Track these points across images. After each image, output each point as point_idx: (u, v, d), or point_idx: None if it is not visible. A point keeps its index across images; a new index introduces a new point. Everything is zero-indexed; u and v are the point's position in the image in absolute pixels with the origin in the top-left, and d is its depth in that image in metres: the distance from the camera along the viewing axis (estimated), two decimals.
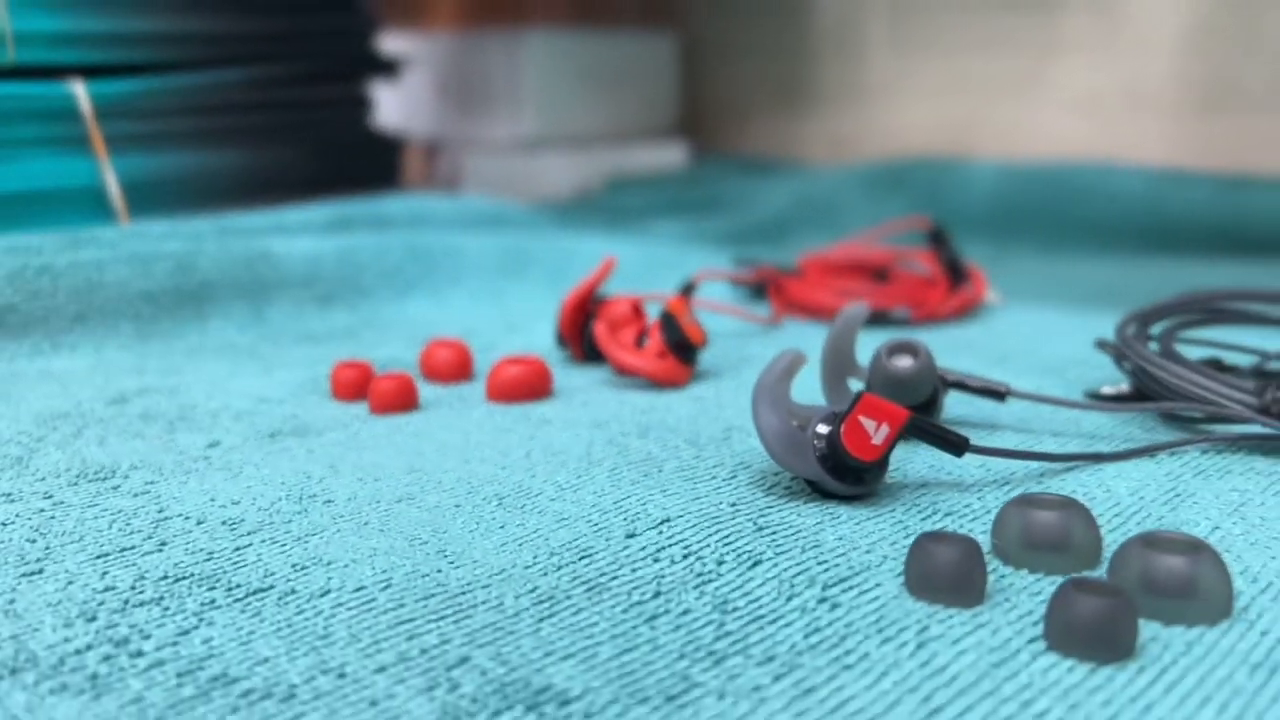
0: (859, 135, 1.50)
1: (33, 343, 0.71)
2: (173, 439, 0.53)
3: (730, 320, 0.78)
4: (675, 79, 1.59)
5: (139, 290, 0.76)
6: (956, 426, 0.52)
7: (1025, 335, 0.73)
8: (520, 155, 1.41)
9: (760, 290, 0.84)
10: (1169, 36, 1.27)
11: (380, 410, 0.57)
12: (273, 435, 0.54)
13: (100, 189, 0.90)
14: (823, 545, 0.39)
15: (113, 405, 0.59)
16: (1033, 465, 0.48)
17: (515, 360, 0.60)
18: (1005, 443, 0.51)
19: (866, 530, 0.41)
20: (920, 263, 0.85)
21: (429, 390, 0.62)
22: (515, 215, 1.06)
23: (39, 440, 0.54)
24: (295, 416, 0.57)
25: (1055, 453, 0.47)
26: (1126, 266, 1.07)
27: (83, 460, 0.50)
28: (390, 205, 0.99)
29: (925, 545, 0.35)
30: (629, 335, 0.64)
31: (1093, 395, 0.57)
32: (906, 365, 0.49)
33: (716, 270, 0.86)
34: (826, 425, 0.43)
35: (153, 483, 0.47)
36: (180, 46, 0.97)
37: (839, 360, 0.51)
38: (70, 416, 0.57)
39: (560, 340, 0.67)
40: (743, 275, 0.84)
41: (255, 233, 0.88)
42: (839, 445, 0.42)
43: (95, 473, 0.49)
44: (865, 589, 0.36)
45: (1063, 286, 0.96)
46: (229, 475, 0.48)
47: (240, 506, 0.44)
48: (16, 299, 0.72)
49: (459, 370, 0.64)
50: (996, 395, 0.52)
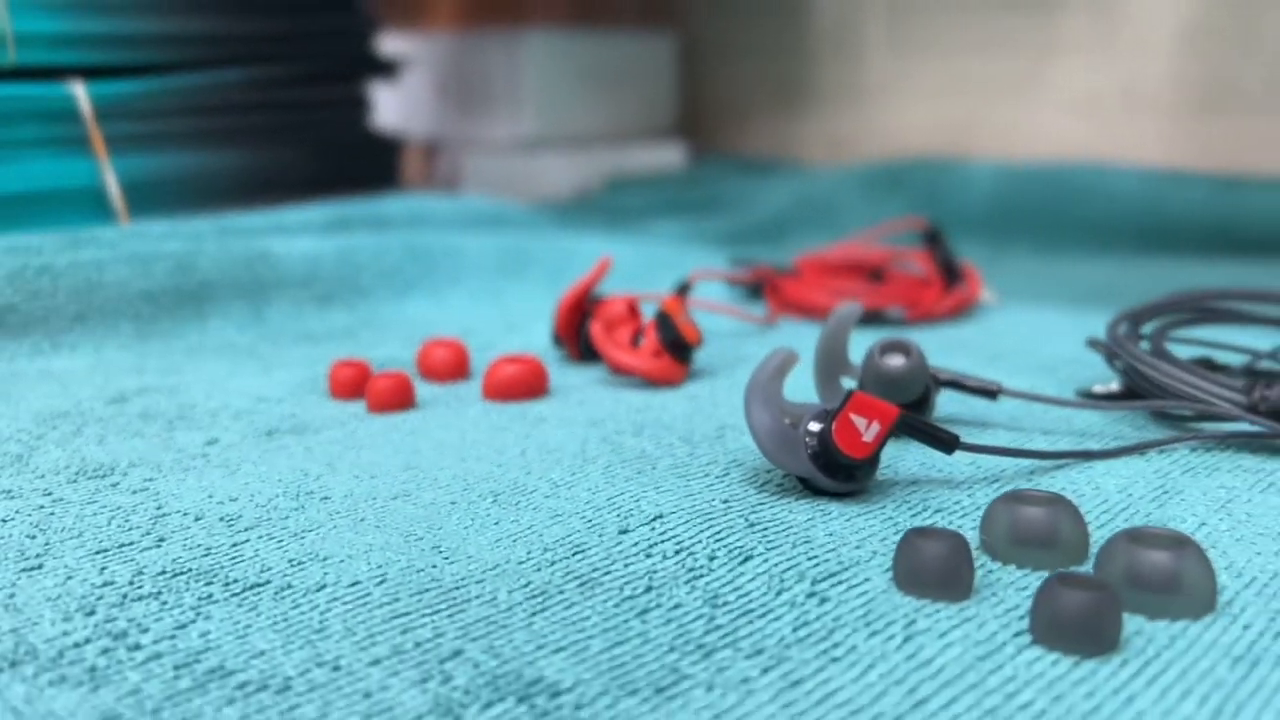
0: (857, 136, 1.51)
1: (33, 342, 0.72)
2: (172, 437, 0.54)
3: (726, 320, 0.78)
4: (674, 79, 1.60)
5: (139, 290, 0.77)
6: (948, 425, 0.52)
7: (1019, 335, 0.74)
8: (519, 155, 1.41)
9: (756, 290, 0.85)
10: (1167, 37, 1.27)
11: (377, 409, 0.58)
12: (271, 433, 0.54)
13: (100, 189, 0.91)
14: (813, 541, 0.40)
15: (112, 404, 0.60)
16: (1023, 463, 0.48)
17: (511, 359, 0.60)
18: (997, 441, 0.52)
19: (857, 526, 0.41)
20: (916, 263, 0.85)
21: (426, 389, 0.62)
22: (514, 215, 1.07)
23: (39, 438, 0.54)
24: (293, 415, 0.57)
25: (1045, 450, 0.48)
26: (1124, 266, 1.08)
27: (82, 458, 0.51)
28: (389, 205, 0.99)
29: (913, 541, 0.36)
30: (625, 334, 0.64)
31: (1084, 394, 0.58)
32: (898, 364, 0.49)
33: (712, 270, 0.87)
34: (818, 423, 0.43)
35: (151, 480, 0.48)
36: (180, 47, 0.98)
37: (832, 359, 0.52)
38: (70, 415, 0.58)
39: (556, 339, 0.68)
40: (738, 275, 0.84)
41: (255, 233, 0.89)
42: (830, 442, 0.42)
43: (95, 470, 0.49)
44: (854, 584, 0.37)
45: (1060, 286, 0.96)
46: (227, 472, 0.49)
47: (238, 503, 0.45)
48: (17, 299, 0.73)
49: (456, 369, 0.64)
50: (988, 394, 0.53)
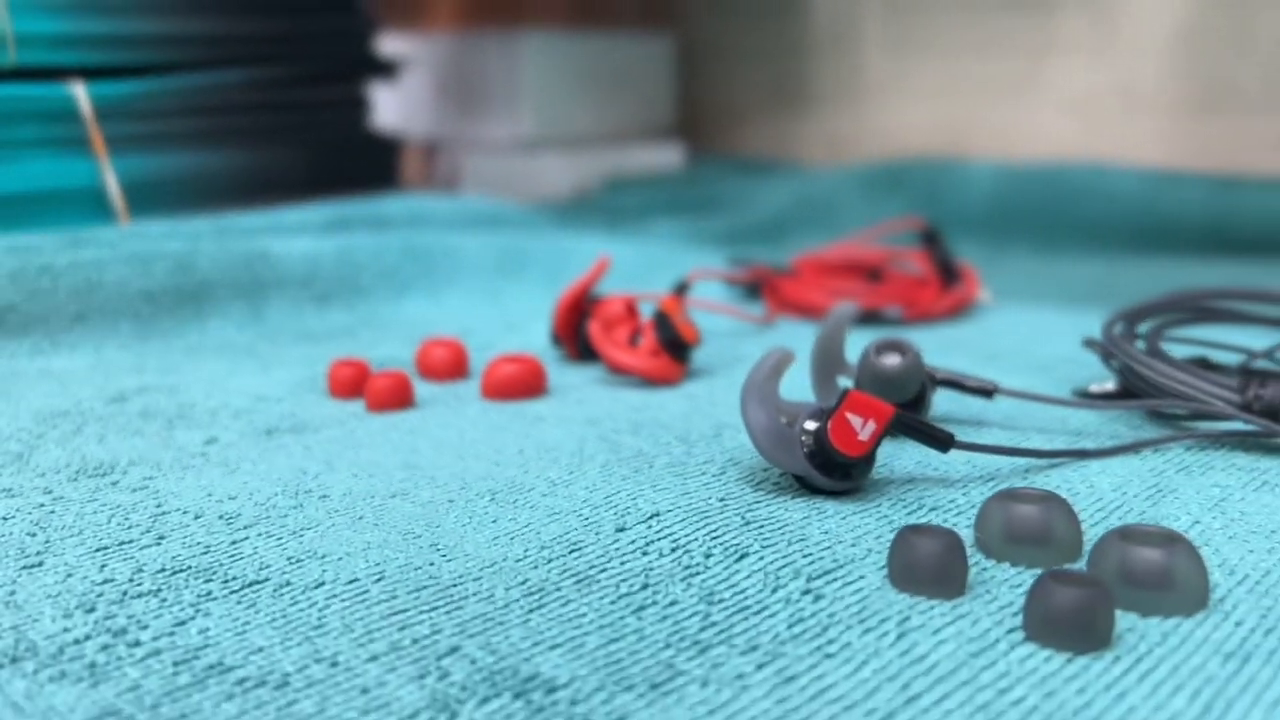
0: (856, 136, 1.51)
1: (33, 342, 0.72)
2: (171, 436, 0.54)
3: (724, 319, 0.79)
4: (673, 80, 1.60)
5: (138, 290, 0.77)
6: (945, 424, 0.52)
7: (1016, 334, 0.74)
8: (519, 155, 1.41)
9: (754, 290, 0.85)
10: (1163, 38, 1.27)
11: (376, 408, 0.58)
12: (270, 432, 0.54)
13: (100, 189, 0.91)
14: (809, 539, 0.40)
15: (112, 403, 0.60)
16: (1018, 461, 0.48)
17: (510, 359, 0.61)
18: (993, 440, 0.52)
19: (852, 524, 0.42)
20: (913, 263, 0.85)
21: (425, 388, 0.63)
22: (513, 215, 1.07)
23: (39, 437, 0.54)
24: (292, 414, 0.58)
25: (1041, 449, 0.48)
26: (1121, 266, 1.08)
27: (82, 456, 0.51)
28: (388, 205, 0.99)
29: (907, 538, 0.36)
30: (623, 334, 0.64)
31: (1080, 393, 0.58)
32: (894, 363, 0.50)
33: (710, 270, 0.87)
34: (814, 421, 0.43)
35: (151, 478, 0.48)
36: (180, 48, 0.98)
37: (828, 358, 0.52)
38: (70, 414, 0.58)
39: (555, 339, 0.68)
40: (736, 275, 0.84)
41: (254, 233, 0.89)
42: (826, 441, 0.43)
43: (95, 468, 0.49)
44: (849, 581, 0.37)
45: (1057, 286, 0.96)
46: (226, 471, 0.49)
47: (237, 501, 0.45)
48: (17, 298, 0.73)
49: (454, 368, 0.64)
50: (984, 393, 0.53)
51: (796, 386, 0.56)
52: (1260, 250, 1.10)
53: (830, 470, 0.43)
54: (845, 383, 0.53)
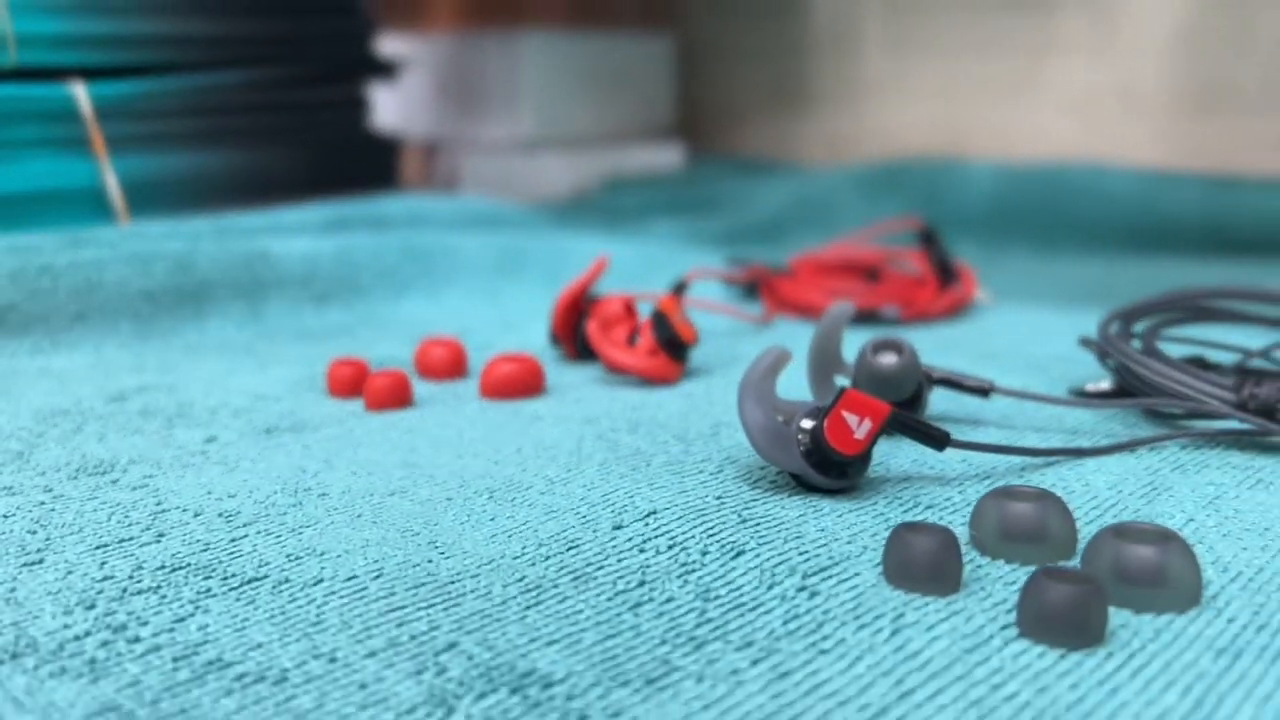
0: (855, 136, 1.51)
1: (33, 341, 0.72)
2: (171, 434, 0.54)
3: (723, 319, 0.79)
4: (672, 80, 1.60)
5: (138, 289, 0.77)
6: (941, 422, 0.53)
7: (1013, 334, 0.74)
8: (518, 156, 1.42)
9: (753, 289, 0.85)
10: (1162, 38, 1.27)
11: (375, 407, 0.58)
12: (269, 431, 0.55)
13: (100, 189, 0.91)
14: (805, 536, 0.40)
15: (112, 402, 0.60)
16: (1014, 460, 0.48)
17: (508, 358, 0.61)
18: (988, 438, 0.52)
19: (848, 522, 0.42)
20: (911, 262, 0.86)
21: (424, 387, 0.63)
22: (512, 215, 1.07)
23: (39, 436, 0.54)
24: (291, 413, 0.58)
25: (1036, 447, 0.48)
26: (1119, 266, 1.08)
27: (82, 455, 0.51)
28: (388, 205, 1.00)
29: (903, 535, 0.36)
30: (621, 333, 0.64)
31: (1076, 392, 0.58)
32: (890, 362, 0.50)
33: (708, 269, 0.87)
34: (810, 420, 0.44)
35: (151, 476, 0.48)
36: (180, 49, 0.98)
37: (825, 357, 0.52)
38: (70, 413, 0.58)
39: (553, 338, 0.68)
40: (735, 274, 0.85)
41: (253, 233, 0.89)
42: (822, 439, 0.43)
43: (95, 467, 0.50)
44: (844, 578, 0.37)
45: (1055, 286, 0.97)
46: (226, 469, 0.49)
47: (236, 499, 0.45)
48: (17, 298, 0.73)
49: (453, 368, 0.65)
50: (981, 392, 0.53)
51: (794, 385, 0.56)
52: (1258, 250, 1.10)
53: (826, 468, 0.44)
54: (842, 382, 0.53)
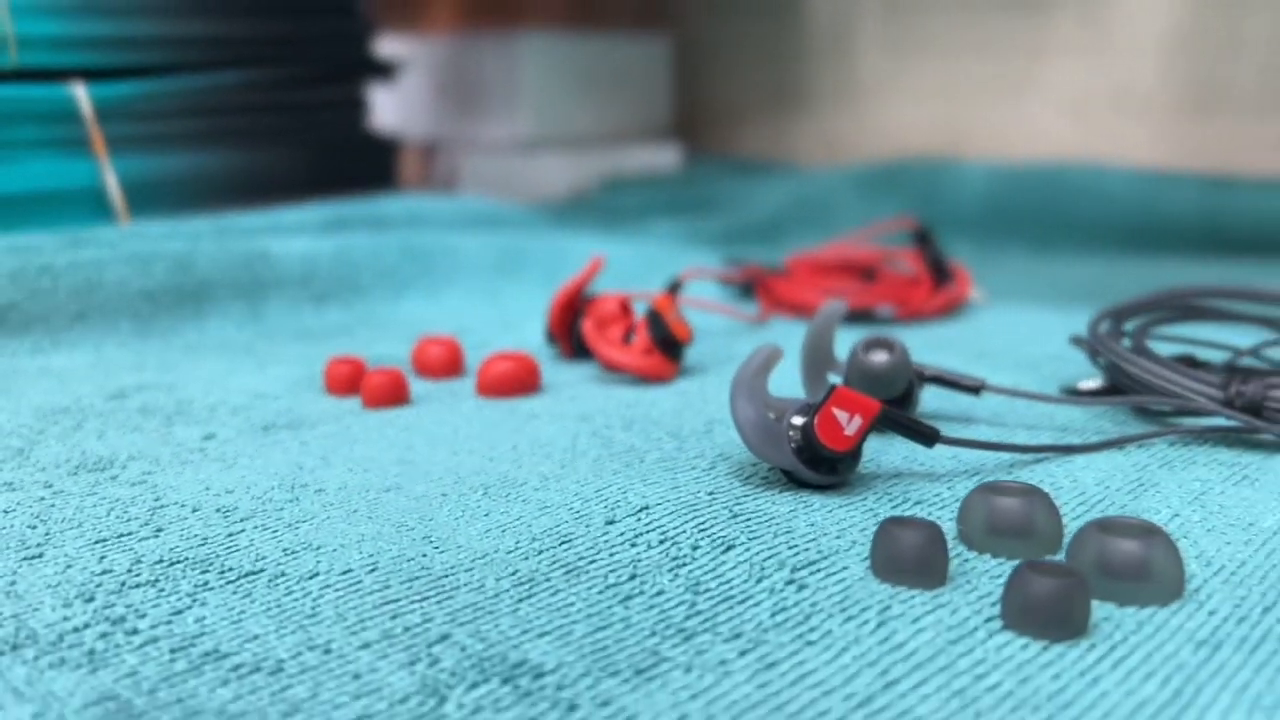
0: (852, 136, 1.52)
1: (33, 340, 0.73)
2: (170, 432, 0.55)
3: (718, 318, 0.79)
4: (670, 81, 1.61)
5: (138, 289, 0.78)
6: (932, 420, 0.53)
7: (1006, 333, 0.75)
8: (517, 156, 1.42)
9: (748, 289, 0.86)
10: (1157, 39, 1.28)
11: (372, 404, 0.59)
12: (267, 428, 0.55)
13: (100, 190, 0.92)
14: (794, 531, 0.41)
15: (112, 400, 0.61)
16: (1003, 456, 0.49)
17: (504, 356, 0.61)
18: (979, 435, 0.52)
19: (838, 517, 0.42)
20: (906, 262, 0.86)
21: (420, 385, 0.63)
22: (511, 215, 1.08)
23: (39, 433, 0.55)
24: (289, 410, 0.58)
25: (1025, 444, 0.49)
26: (1114, 266, 1.09)
27: (82, 452, 0.52)
28: (387, 205, 1.00)
29: (890, 529, 0.37)
30: (616, 332, 0.65)
31: (1067, 390, 0.59)
32: (881, 360, 0.50)
33: (704, 269, 0.88)
34: (801, 417, 0.44)
35: (150, 473, 0.49)
36: (180, 49, 0.99)
37: (818, 355, 0.53)
38: (70, 411, 0.59)
39: (550, 337, 0.69)
40: (730, 274, 0.85)
41: (253, 233, 0.90)
42: (813, 436, 0.43)
43: (94, 463, 0.50)
44: (832, 571, 0.38)
45: (1050, 286, 0.97)
46: (224, 466, 0.50)
47: (234, 495, 0.46)
48: (18, 297, 0.74)
49: (450, 366, 0.65)
50: (972, 390, 0.54)
51: (787, 383, 0.57)
52: (1255, 250, 1.11)
53: (817, 465, 0.44)
54: (835, 379, 0.54)
